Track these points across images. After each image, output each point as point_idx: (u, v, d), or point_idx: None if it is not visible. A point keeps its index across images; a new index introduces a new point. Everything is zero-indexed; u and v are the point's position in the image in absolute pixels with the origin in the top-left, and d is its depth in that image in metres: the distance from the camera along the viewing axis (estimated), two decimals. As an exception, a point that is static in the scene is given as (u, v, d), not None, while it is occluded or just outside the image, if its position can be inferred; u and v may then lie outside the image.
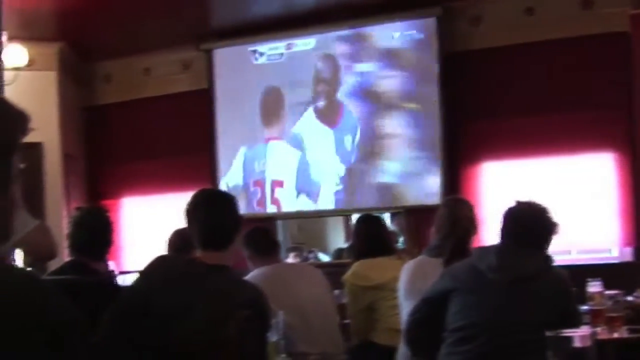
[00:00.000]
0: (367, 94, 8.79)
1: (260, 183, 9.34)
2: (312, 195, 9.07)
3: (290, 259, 9.12)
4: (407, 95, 8.62)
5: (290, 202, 9.24)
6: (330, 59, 9.02)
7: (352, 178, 8.88)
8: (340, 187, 8.92)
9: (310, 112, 9.13)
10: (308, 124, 9.13)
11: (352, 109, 8.88)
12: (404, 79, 8.64)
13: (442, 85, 8.42)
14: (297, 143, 9.15)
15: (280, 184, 9.31)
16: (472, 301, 3.72)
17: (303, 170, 9.15)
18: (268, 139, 9.35)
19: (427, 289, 3.97)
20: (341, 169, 8.92)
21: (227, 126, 9.45)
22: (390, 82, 8.69)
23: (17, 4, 7.60)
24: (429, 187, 8.47)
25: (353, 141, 8.88)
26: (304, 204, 9.15)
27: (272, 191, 9.31)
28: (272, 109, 9.35)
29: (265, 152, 9.36)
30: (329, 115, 9.04)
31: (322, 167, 9.03)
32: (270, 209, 9.22)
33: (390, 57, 8.72)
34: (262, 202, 9.28)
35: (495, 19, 8.40)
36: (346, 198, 8.93)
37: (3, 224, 1.48)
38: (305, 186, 9.14)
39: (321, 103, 9.07)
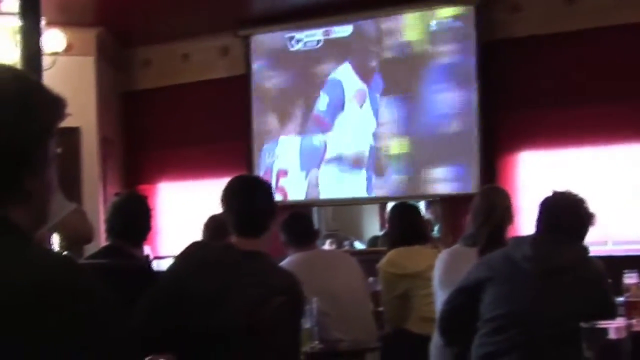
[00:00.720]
0: (403, 81, 8.78)
1: (267, 174, 9.40)
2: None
3: (327, 246, 9.14)
4: (445, 83, 8.59)
5: (299, 188, 9.34)
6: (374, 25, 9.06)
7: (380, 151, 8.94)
8: (373, 141, 8.96)
9: (347, 66, 9.15)
10: (345, 74, 9.16)
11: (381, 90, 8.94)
12: (441, 66, 8.61)
13: (479, 73, 8.38)
14: (336, 86, 9.17)
15: (284, 173, 9.38)
16: (506, 291, 3.70)
17: (308, 150, 9.29)
18: (280, 135, 9.43)
19: (462, 278, 3.96)
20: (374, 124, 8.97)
21: (263, 113, 9.47)
22: (427, 69, 8.67)
23: (57, -12, 7.65)
24: (465, 176, 8.45)
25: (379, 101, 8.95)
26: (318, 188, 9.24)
27: (277, 180, 9.36)
28: (286, 109, 9.41)
29: (275, 147, 9.44)
30: (365, 71, 9.05)
31: (356, 123, 9.08)
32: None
33: (427, 45, 8.69)
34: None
35: (534, 8, 8.34)
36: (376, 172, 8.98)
37: (39, 208, 1.49)
38: (312, 164, 9.25)
39: (360, 59, 9.09)
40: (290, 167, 9.36)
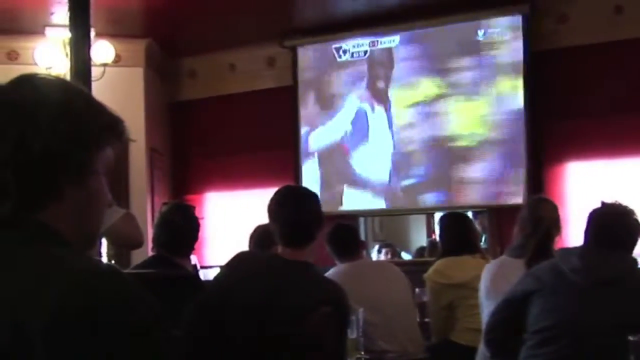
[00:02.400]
0: (451, 91, 8.76)
1: None
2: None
3: (382, 256, 9.15)
4: (493, 93, 8.55)
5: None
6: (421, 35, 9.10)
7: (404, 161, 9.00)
8: (391, 162, 9.03)
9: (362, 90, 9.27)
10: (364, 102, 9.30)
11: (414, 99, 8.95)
12: (488, 76, 8.58)
13: (527, 83, 8.34)
14: (362, 117, 9.25)
15: None
16: (554, 303, 3.67)
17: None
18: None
19: (509, 289, 3.93)
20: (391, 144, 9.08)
21: (310, 123, 9.50)
22: (474, 78, 8.64)
23: (106, 1, 7.73)
24: (513, 186, 8.40)
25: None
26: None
27: None
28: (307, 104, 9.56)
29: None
30: (380, 96, 9.14)
31: (378, 145, 9.16)
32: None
33: (474, 55, 8.67)
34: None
35: (582, 18, 8.29)
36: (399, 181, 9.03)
37: (84, 218, 1.50)
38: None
39: (378, 84, 9.18)
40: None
